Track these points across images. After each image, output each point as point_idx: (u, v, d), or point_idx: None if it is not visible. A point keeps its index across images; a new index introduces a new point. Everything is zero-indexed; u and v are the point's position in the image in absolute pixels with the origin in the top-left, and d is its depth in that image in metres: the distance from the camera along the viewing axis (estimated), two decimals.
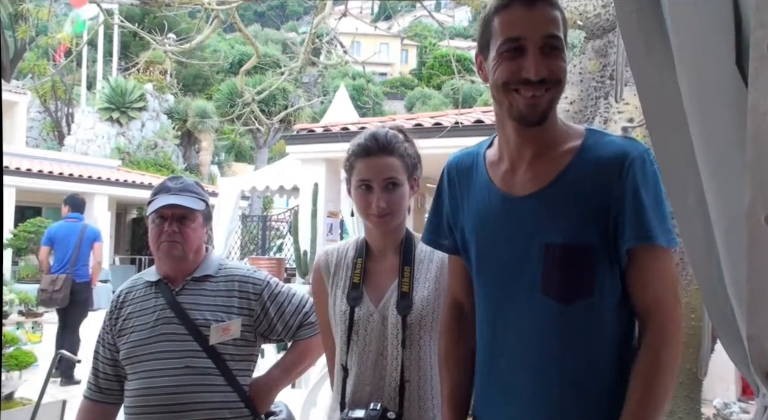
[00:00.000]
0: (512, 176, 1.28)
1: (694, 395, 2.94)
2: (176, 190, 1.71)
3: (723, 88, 0.71)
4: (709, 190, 0.74)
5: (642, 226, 1.17)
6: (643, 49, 0.87)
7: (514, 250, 1.25)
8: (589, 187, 1.21)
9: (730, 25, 0.71)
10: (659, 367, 1.18)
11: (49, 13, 6.50)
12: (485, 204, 1.30)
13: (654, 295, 1.21)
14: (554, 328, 1.21)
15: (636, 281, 1.22)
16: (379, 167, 1.50)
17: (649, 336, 1.19)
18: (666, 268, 1.22)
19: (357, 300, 1.51)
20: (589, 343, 1.22)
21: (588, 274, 1.20)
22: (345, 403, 1.49)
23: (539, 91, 1.20)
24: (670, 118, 0.83)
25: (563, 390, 1.22)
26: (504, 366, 1.28)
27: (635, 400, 1.17)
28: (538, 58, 1.19)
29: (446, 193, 1.40)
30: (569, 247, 1.20)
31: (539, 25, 1.20)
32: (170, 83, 21.30)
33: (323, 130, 7.93)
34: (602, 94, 3.49)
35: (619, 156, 1.20)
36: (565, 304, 1.20)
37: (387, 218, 1.50)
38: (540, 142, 1.26)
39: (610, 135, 1.30)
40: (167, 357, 1.62)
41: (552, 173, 1.23)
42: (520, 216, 1.25)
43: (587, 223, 1.20)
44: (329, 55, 7.15)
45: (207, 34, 4.96)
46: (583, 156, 1.23)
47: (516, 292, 1.25)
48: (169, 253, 1.67)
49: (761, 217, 0.65)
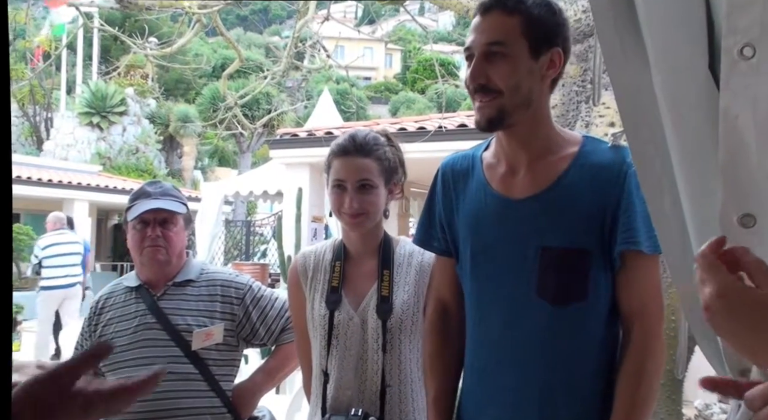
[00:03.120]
0: (510, 179, 1.29)
1: (675, 396, 2.98)
2: (157, 195, 1.69)
3: (696, 92, 0.72)
4: (684, 193, 0.75)
5: (631, 232, 1.20)
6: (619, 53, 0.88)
7: (509, 252, 1.26)
8: (586, 193, 1.23)
9: (703, 31, 0.73)
10: (644, 376, 1.20)
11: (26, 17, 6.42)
12: (481, 206, 1.31)
13: (639, 301, 1.23)
14: (548, 330, 1.23)
15: (622, 286, 1.24)
16: (354, 167, 1.49)
17: (633, 343, 1.21)
18: (651, 275, 1.24)
19: (336, 304, 1.51)
20: (581, 345, 1.24)
21: (583, 278, 1.22)
22: (326, 409, 1.49)
23: (483, 99, 1.22)
24: (646, 121, 0.84)
25: (553, 392, 1.24)
26: (494, 367, 1.29)
27: (623, 409, 1.19)
28: (476, 66, 1.21)
29: (439, 195, 1.40)
30: (565, 251, 1.22)
31: (483, 32, 1.22)
32: (152, 87, 21.10)
33: (307, 134, 7.91)
34: (583, 98, 3.53)
35: (616, 163, 1.22)
36: (560, 307, 1.22)
37: (360, 219, 1.49)
38: (533, 147, 1.27)
39: (606, 142, 1.32)
40: (149, 363, 1.61)
41: (550, 178, 1.25)
42: (517, 218, 1.26)
43: (583, 228, 1.22)
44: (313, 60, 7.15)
45: (189, 37, 4.93)
46: (580, 162, 1.25)
47: (511, 293, 1.26)
48: (154, 258, 1.66)
49: (734, 218, 0.67)
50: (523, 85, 1.21)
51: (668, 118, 0.76)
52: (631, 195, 1.20)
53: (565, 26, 1.25)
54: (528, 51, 1.20)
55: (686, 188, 0.75)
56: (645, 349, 1.21)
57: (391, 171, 1.53)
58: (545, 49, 1.22)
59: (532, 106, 1.23)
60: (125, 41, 5.22)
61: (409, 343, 1.49)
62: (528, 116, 1.24)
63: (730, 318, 0.59)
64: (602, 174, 1.22)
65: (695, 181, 0.74)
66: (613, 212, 1.21)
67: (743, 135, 0.67)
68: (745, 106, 0.66)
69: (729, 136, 0.67)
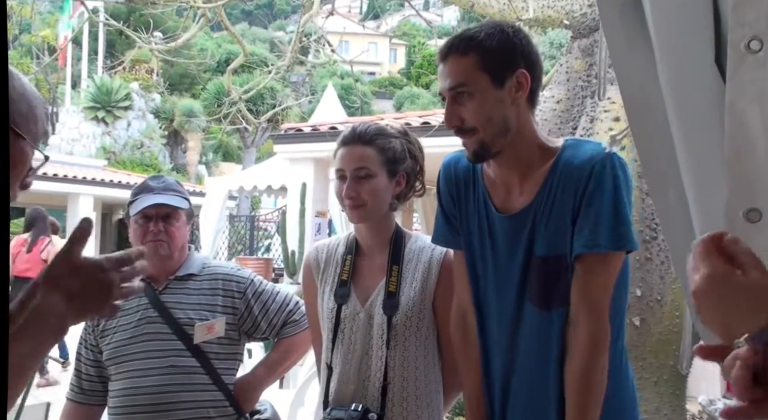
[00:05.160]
0: (507, 198, 1.35)
1: (679, 392, 2.97)
2: (159, 190, 1.69)
3: (702, 85, 0.71)
4: (690, 187, 0.75)
5: (594, 234, 1.22)
6: (625, 47, 0.87)
7: (505, 263, 1.33)
8: (560, 199, 1.27)
9: (710, 24, 0.72)
10: (588, 383, 1.23)
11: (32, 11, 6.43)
12: (483, 221, 1.37)
13: (592, 296, 1.24)
14: (538, 334, 1.29)
15: (576, 281, 1.25)
16: (352, 156, 1.48)
17: (581, 339, 1.23)
18: (605, 270, 1.25)
19: (344, 298, 1.51)
20: (565, 349, 1.27)
21: (564, 283, 1.26)
22: (329, 402, 1.49)
23: (463, 138, 1.30)
24: (651, 115, 0.83)
25: (546, 398, 1.28)
26: (498, 368, 1.36)
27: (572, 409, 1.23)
28: (447, 111, 1.29)
29: (447, 192, 1.44)
30: (546, 259, 1.27)
31: (447, 78, 1.28)
32: (156, 82, 21.13)
33: (311, 129, 7.90)
34: (589, 93, 3.51)
35: (584, 164, 1.24)
36: (546, 311, 1.28)
37: (360, 210, 1.48)
38: (522, 165, 1.32)
39: (587, 143, 1.34)
40: (151, 356, 1.61)
41: (534, 190, 1.30)
42: (510, 232, 1.32)
43: (560, 234, 1.26)
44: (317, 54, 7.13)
45: (193, 32, 4.93)
46: (555, 170, 1.28)
47: (507, 300, 1.33)
48: (156, 253, 1.66)
49: (739, 213, 0.66)
50: (495, 116, 1.26)
51: (674, 113, 0.75)
52: (592, 195, 1.22)
53: (525, 45, 1.28)
54: (491, 83, 1.25)
55: (692, 182, 0.74)
56: (587, 351, 1.23)
57: (396, 161, 1.50)
58: (509, 75, 1.26)
59: (511, 130, 1.28)
60: (130, 36, 5.22)
61: (415, 340, 1.48)
62: (511, 140, 1.28)
63: (716, 300, 0.61)
64: (573, 175, 1.25)
65: (701, 176, 0.73)
66: (578, 214, 1.24)
67: (749, 129, 0.66)
68: (751, 101, 0.66)
69: (735, 131, 0.66)
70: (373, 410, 1.43)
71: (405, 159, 1.52)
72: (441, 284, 1.49)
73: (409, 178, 1.53)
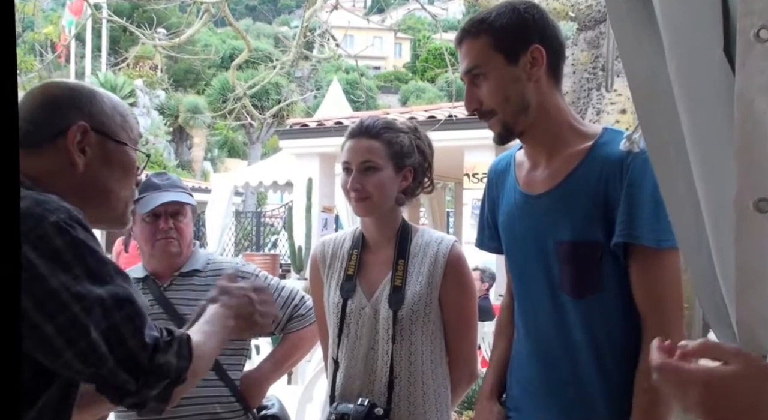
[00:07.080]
0: (533, 175, 1.34)
1: None
2: (166, 187, 1.70)
3: (712, 75, 0.71)
4: (699, 179, 0.74)
5: (630, 224, 1.20)
6: (632, 38, 0.86)
7: (532, 247, 1.32)
8: (594, 185, 1.24)
9: (718, 12, 0.71)
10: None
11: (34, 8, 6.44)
12: (511, 203, 1.37)
13: (649, 298, 1.22)
14: (569, 322, 1.26)
15: (634, 281, 1.24)
16: (358, 149, 1.49)
17: (645, 342, 1.21)
18: (661, 269, 1.22)
19: (350, 292, 1.51)
20: (604, 337, 1.25)
21: (596, 269, 1.24)
22: (335, 397, 1.49)
23: (486, 120, 1.30)
24: (660, 107, 0.82)
25: (574, 387, 1.27)
26: (525, 358, 1.35)
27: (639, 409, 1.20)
28: (466, 94, 1.30)
29: (487, 196, 1.47)
30: (577, 244, 1.25)
31: (463, 62, 1.30)
32: (161, 78, 21.15)
33: (317, 124, 7.91)
34: (594, 85, 3.50)
35: (623, 154, 1.22)
36: (578, 299, 1.25)
37: (366, 202, 1.48)
38: (550, 143, 1.30)
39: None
40: None
41: (564, 172, 1.28)
42: (536, 214, 1.31)
43: (593, 220, 1.24)
44: (322, 49, 7.13)
45: (197, 28, 4.93)
46: (592, 155, 1.26)
47: (537, 287, 1.31)
48: (166, 250, 1.67)
49: (749, 203, 0.65)
50: (512, 95, 1.26)
51: (682, 103, 0.75)
52: (633, 186, 1.20)
53: (538, 19, 1.27)
54: (505, 61, 1.25)
55: (701, 174, 0.74)
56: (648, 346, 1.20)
57: (403, 156, 1.50)
58: (522, 51, 1.25)
59: (531, 107, 1.27)
60: (134, 32, 5.23)
61: (422, 334, 1.47)
62: (534, 118, 1.27)
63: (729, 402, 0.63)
64: (610, 165, 1.23)
65: (710, 167, 0.73)
66: (617, 204, 1.22)
67: (759, 119, 0.65)
68: (760, 90, 0.65)
69: (744, 121, 0.66)
70: (380, 405, 1.43)
71: (412, 154, 1.52)
72: (447, 279, 1.49)
73: (416, 173, 1.53)
